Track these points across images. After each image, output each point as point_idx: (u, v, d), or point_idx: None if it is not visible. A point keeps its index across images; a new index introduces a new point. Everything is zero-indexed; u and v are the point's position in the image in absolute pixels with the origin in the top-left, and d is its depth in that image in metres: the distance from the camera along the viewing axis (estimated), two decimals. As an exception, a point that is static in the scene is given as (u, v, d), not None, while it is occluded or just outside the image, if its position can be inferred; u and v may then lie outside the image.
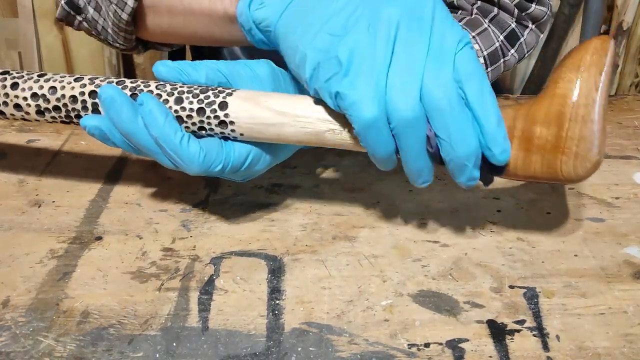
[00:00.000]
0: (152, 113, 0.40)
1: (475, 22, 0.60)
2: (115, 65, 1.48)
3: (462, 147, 0.38)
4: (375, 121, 0.37)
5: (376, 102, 0.37)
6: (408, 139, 0.38)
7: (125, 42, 0.56)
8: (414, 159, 0.39)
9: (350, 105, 0.37)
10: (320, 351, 0.38)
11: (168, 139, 0.40)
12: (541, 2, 0.62)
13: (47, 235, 0.47)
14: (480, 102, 0.37)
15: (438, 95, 0.37)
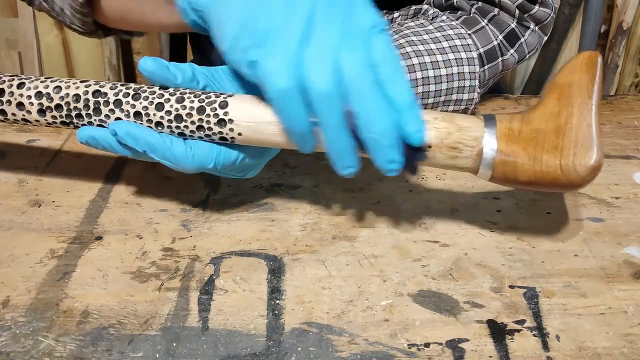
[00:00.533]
0: (130, 134, 0.42)
1: (472, 21, 0.60)
2: (115, 65, 1.48)
3: (376, 122, 0.38)
4: (288, 91, 0.38)
5: (291, 72, 0.37)
6: (323, 113, 0.38)
7: (82, 25, 0.57)
8: (332, 135, 0.39)
9: (265, 73, 0.38)
10: (320, 351, 0.38)
11: (153, 146, 0.42)
12: (545, 4, 0.62)
13: (47, 235, 0.47)
14: (393, 84, 0.38)
15: (352, 71, 0.37)
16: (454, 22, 0.60)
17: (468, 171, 0.42)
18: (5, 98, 0.45)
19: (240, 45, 0.39)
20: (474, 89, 0.59)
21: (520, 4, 0.61)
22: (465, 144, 0.41)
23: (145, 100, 0.43)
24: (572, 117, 0.40)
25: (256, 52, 0.38)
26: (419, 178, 0.55)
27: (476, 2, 0.62)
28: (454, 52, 0.57)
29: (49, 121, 0.45)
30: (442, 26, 0.59)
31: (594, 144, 0.39)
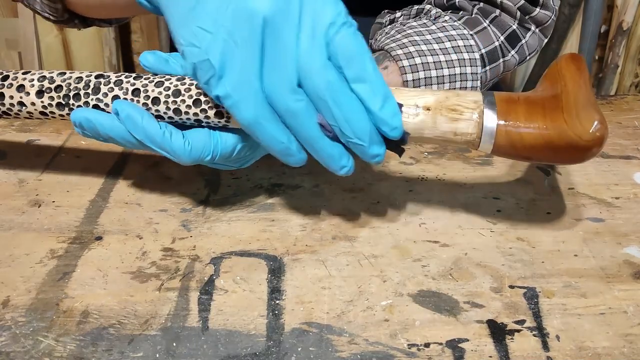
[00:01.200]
0: (130, 117, 0.42)
1: (475, 21, 0.60)
2: (115, 65, 1.48)
3: (351, 129, 0.38)
4: (256, 119, 0.38)
5: (253, 100, 0.37)
6: (298, 129, 0.38)
7: (53, 12, 0.56)
8: (314, 147, 0.40)
9: (230, 107, 0.38)
10: (320, 351, 0.38)
11: (151, 136, 0.42)
12: (546, 7, 0.62)
13: (47, 235, 0.47)
14: (362, 84, 0.38)
15: (315, 83, 0.37)
16: (457, 23, 0.60)
17: (467, 143, 0.41)
18: (8, 82, 0.45)
19: (201, 78, 0.39)
20: (475, 90, 0.59)
21: (521, 6, 0.61)
22: (464, 106, 0.41)
23: (146, 79, 0.43)
24: (566, 86, 0.41)
25: (217, 86, 0.38)
26: (419, 178, 0.55)
27: (478, 3, 0.62)
28: (456, 53, 0.57)
29: (44, 104, 0.45)
30: (445, 26, 0.59)
31: (593, 104, 0.40)
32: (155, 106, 0.43)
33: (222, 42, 0.37)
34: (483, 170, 0.56)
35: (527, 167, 0.57)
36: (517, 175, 0.55)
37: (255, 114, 0.38)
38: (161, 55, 0.44)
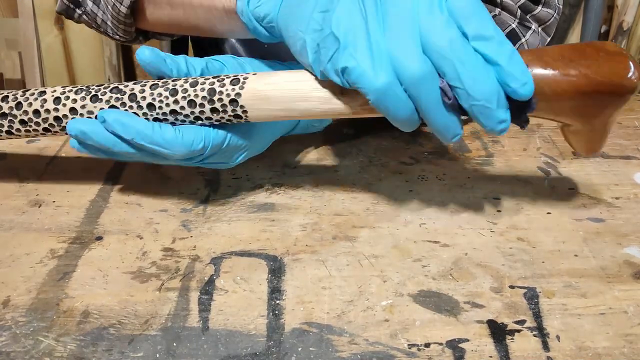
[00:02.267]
0: (117, 120, 0.42)
1: None
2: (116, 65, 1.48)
3: (477, 89, 0.36)
4: (388, 87, 0.36)
5: (382, 67, 0.36)
6: (422, 96, 0.37)
7: (125, 35, 0.57)
8: (434, 115, 0.38)
9: (358, 77, 0.37)
10: (320, 351, 0.38)
11: (142, 133, 0.42)
12: (548, 4, 0.62)
13: (48, 235, 0.47)
14: (484, 41, 0.36)
15: (439, 44, 0.35)
16: None
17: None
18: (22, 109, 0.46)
19: (324, 56, 0.38)
20: None
21: (522, 4, 0.61)
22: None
23: (150, 87, 0.44)
24: (588, 42, 0.41)
25: (341, 59, 0.37)
26: (419, 178, 0.55)
27: None
28: None
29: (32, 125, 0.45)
30: None
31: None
32: (152, 111, 0.43)
33: (342, 14, 0.37)
34: (483, 170, 0.56)
35: (527, 167, 0.57)
36: (517, 175, 0.55)
37: (385, 81, 0.36)
38: (159, 53, 0.44)
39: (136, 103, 0.43)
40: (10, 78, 1.50)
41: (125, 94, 0.44)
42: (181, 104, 0.43)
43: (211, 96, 0.42)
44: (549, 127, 0.64)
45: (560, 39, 1.41)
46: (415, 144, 0.60)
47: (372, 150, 0.59)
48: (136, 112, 0.43)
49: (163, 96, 0.43)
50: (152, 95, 0.43)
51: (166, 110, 0.43)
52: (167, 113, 0.43)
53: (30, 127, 0.46)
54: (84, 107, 0.44)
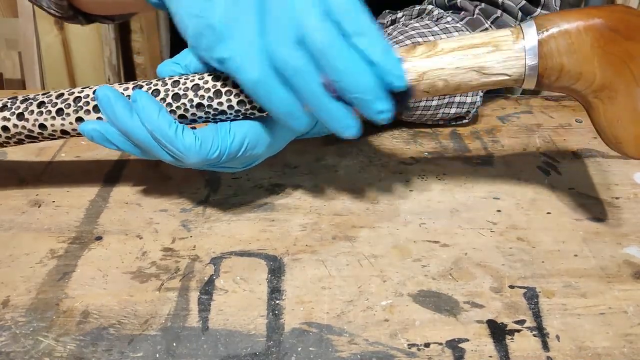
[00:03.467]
0: (146, 108, 0.41)
1: (476, 22, 0.60)
2: (115, 65, 1.48)
3: (355, 83, 0.37)
4: (262, 79, 0.37)
5: (257, 59, 0.37)
6: (301, 88, 0.38)
7: (58, 9, 0.57)
8: (319, 107, 0.39)
9: (235, 69, 0.38)
10: (320, 351, 0.38)
11: (163, 131, 0.41)
12: (547, 7, 0.62)
13: (47, 235, 0.47)
14: (361, 36, 0.37)
15: (315, 37, 0.36)
16: (459, 24, 0.60)
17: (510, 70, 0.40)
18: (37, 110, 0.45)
19: (203, 44, 0.39)
20: (476, 92, 0.59)
21: (523, 6, 0.61)
22: (492, 37, 0.40)
23: (159, 81, 0.43)
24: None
25: (219, 49, 0.38)
26: (419, 178, 0.55)
27: (479, 3, 0.62)
28: None
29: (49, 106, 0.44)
30: (447, 27, 0.59)
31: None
32: (176, 102, 0.42)
33: (222, 5, 0.38)
34: (483, 170, 0.56)
35: (527, 167, 0.57)
36: (517, 175, 0.55)
37: (260, 73, 0.37)
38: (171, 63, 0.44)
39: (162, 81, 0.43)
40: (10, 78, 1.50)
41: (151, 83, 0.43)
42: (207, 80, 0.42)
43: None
44: (549, 127, 0.64)
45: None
46: (415, 144, 0.60)
47: (372, 150, 0.59)
48: (158, 89, 0.43)
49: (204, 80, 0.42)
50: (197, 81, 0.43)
51: (188, 85, 0.42)
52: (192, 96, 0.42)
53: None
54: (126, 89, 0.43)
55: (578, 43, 0.39)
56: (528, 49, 0.40)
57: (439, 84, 0.41)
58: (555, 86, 0.41)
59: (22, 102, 0.45)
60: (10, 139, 0.45)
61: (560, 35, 0.39)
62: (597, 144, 0.61)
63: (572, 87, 0.41)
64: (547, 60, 0.40)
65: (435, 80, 0.40)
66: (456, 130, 0.63)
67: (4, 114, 0.45)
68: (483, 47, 0.40)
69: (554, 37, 0.39)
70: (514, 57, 0.40)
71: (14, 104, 0.45)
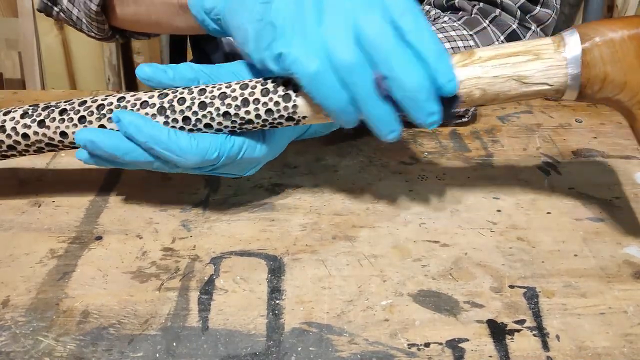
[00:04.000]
0: (132, 123, 0.41)
1: (474, 22, 0.60)
2: (115, 65, 1.48)
3: (408, 80, 0.37)
4: (319, 73, 0.38)
5: (315, 54, 0.37)
6: (355, 85, 0.38)
7: (99, 32, 0.58)
8: (368, 105, 0.39)
9: (292, 63, 0.38)
10: (320, 351, 0.38)
11: (156, 138, 0.41)
12: (546, 5, 0.62)
13: (47, 235, 0.47)
14: (417, 36, 0.37)
15: (372, 34, 0.37)
16: (456, 24, 0.60)
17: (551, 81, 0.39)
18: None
19: (263, 44, 0.39)
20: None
21: (522, 5, 0.61)
22: (534, 45, 0.39)
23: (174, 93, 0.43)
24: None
25: (278, 45, 0.38)
26: (419, 178, 0.55)
27: (477, 3, 0.62)
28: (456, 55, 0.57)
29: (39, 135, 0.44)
30: (444, 27, 0.59)
31: None
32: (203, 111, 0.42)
33: (281, 4, 0.39)
34: (483, 170, 0.56)
35: (527, 167, 0.57)
36: (517, 175, 0.55)
37: (317, 67, 0.37)
38: (158, 66, 0.44)
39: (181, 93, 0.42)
40: (10, 78, 1.50)
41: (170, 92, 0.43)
42: (233, 86, 0.42)
43: (265, 82, 0.41)
44: (548, 127, 0.64)
45: (560, 39, 1.41)
46: (415, 144, 0.60)
47: (372, 150, 0.59)
48: (171, 99, 0.42)
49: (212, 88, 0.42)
50: (213, 91, 0.42)
51: (215, 93, 0.42)
52: (216, 95, 0.42)
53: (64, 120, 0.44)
54: (119, 106, 0.43)
55: (622, 52, 0.38)
56: (570, 58, 0.39)
57: (475, 93, 0.40)
58: (598, 97, 0.40)
59: (44, 109, 0.44)
60: (29, 147, 0.45)
61: (604, 44, 0.39)
62: (597, 144, 0.61)
63: (616, 97, 0.40)
64: (590, 70, 0.39)
65: (472, 90, 0.39)
66: (456, 130, 0.63)
67: (24, 121, 0.44)
68: (523, 55, 0.39)
69: (597, 46, 0.39)
70: (556, 66, 0.39)
71: (35, 111, 0.44)
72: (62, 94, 0.70)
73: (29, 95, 0.70)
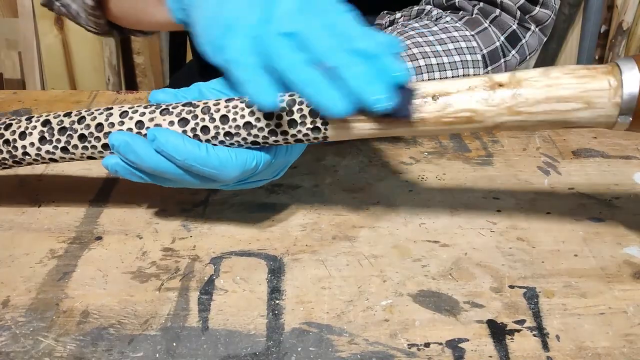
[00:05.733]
0: (169, 142, 0.39)
1: (475, 22, 0.60)
2: (115, 65, 1.48)
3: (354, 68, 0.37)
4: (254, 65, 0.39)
5: (254, 47, 0.39)
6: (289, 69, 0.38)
7: (96, 27, 0.59)
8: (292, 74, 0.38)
9: (230, 55, 0.39)
10: (320, 351, 0.38)
11: (195, 155, 0.40)
12: (545, 5, 0.62)
13: (47, 235, 0.47)
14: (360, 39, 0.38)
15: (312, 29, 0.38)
16: (458, 24, 0.60)
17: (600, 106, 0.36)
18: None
19: (211, 35, 0.41)
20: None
21: (521, 5, 0.61)
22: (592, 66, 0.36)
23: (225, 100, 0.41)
24: None
25: (223, 38, 0.40)
26: (419, 178, 0.55)
27: (478, 3, 0.62)
28: (459, 54, 0.57)
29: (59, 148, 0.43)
30: (446, 27, 0.59)
31: None
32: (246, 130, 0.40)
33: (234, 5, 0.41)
34: (483, 170, 0.56)
35: (527, 167, 0.57)
36: (517, 175, 0.55)
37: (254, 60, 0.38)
38: (170, 91, 0.43)
39: (209, 115, 0.40)
40: (10, 78, 1.50)
41: (197, 107, 0.41)
42: (257, 116, 0.40)
43: (291, 106, 0.40)
44: (548, 127, 0.64)
45: (560, 39, 1.41)
46: (415, 144, 0.60)
47: (372, 150, 0.59)
48: (207, 125, 0.40)
49: (239, 107, 0.40)
50: (227, 108, 0.41)
51: (240, 123, 0.40)
52: (241, 126, 0.40)
53: (89, 144, 0.42)
54: (152, 119, 0.41)
55: None
56: (625, 106, 0.36)
57: (515, 127, 0.38)
58: None
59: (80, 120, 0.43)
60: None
61: None
62: (597, 144, 0.61)
63: None
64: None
65: (513, 126, 0.38)
66: (456, 130, 0.63)
67: (45, 147, 0.43)
68: (574, 102, 0.36)
69: None
70: (606, 115, 0.36)
71: (52, 136, 0.43)
72: (62, 94, 0.70)
73: (29, 95, 0.70)
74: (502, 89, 0.37)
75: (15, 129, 0.43)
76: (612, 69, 0.36)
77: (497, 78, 0.38)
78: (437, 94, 0.38)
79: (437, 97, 0.38)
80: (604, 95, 0.36)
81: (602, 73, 0.36)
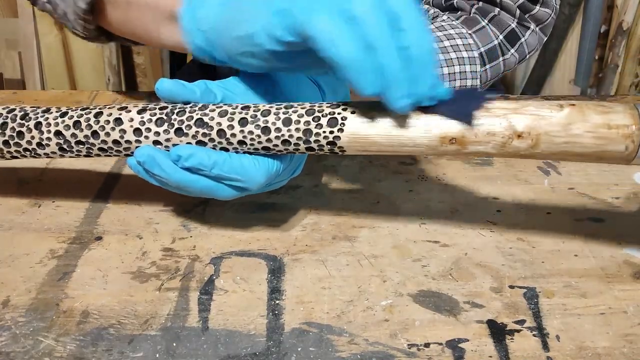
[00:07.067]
0: (194, 156, 0.40)
1: (473, 21, 0.60)
2: (115, 65, 1.48)
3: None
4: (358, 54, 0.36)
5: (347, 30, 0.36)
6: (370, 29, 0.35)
7: (84, 31, 0.55)
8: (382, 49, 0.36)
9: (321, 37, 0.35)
10: (320, 351, 0.38)
11: (222, 164, 0.40)
12: (546, 4, 0.62)
13: (47, 235, 0.47)
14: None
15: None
16: (455, 22, 0.60)
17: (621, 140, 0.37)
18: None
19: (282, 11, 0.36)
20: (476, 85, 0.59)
21: (521, 4, 0.61)
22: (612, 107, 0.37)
23: (238, 123, 0.40)
24: None
25: (302, 12, 0.35)
26: (419, 178, 0.55)
27: (476, 2, 0.62)
28: (455, 52, 0.57)
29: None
30: (443, 25, 0.59)
31: None
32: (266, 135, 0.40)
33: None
34: (483, 170, 0.56)
35: (527, 167, 0.57)
36: (517, 175, 0.55)
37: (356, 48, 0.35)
38: (178, 81, 0.42)
39: (226, 140, 0.41)
40: (10, 78, 1.50)
41: (212, 129, 0.40)
42: (274, 142, 0.40)
43: (307, 137, 0.39)
44: (548, 127, 0.64)
45: (559, 39, 1.41)
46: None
47: (372, 150, 0.59)
48: (226, 147, 0.41)
49: (255, 134, 0.40)
50: (242, 133, 0.40)
51: (258, 147, 0.41)
52: (259, 149, 0.41)
53: (111, 154, 0.43)
54: (168, 140, 0.41)
55: None
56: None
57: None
58: None
59: (97, 115, 0.44)
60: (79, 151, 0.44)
61: None
62: (597, 144, 0.61)
63: None
64: None
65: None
66: (456, 130, 0.63)
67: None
68: (589, 156, 0.38)
69: None
70: (619, 167, 0.38)
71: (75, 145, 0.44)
72: (62, 94, 0.70)
73: (29, 95, 0.70)
74: (519, 140, 0.38)
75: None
76: (632, 132, 0.37)
77: (517, 126, 0.38)
78: (454, 137, 0.38)
79: (454, 140, 0.38)
80: (618, 157, 0.38)
81: (622, 136, 0.37)
